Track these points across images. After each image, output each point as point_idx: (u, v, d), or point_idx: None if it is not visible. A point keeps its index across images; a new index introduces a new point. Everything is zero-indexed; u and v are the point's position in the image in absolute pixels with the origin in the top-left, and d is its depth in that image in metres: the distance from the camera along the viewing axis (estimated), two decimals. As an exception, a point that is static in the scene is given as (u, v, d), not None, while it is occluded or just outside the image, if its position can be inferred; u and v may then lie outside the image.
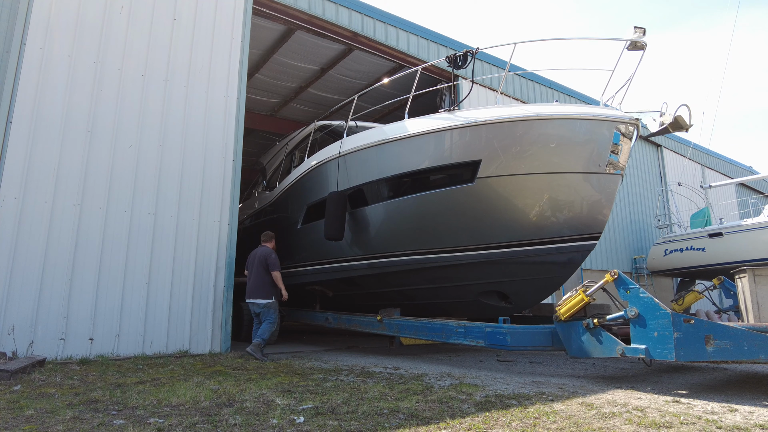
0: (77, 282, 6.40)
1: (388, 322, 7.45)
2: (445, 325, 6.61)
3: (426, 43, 11.51)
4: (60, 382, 4.70)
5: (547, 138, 5.97)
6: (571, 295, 5.35)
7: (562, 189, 6.14)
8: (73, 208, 6.53)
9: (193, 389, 4.33)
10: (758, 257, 12.11)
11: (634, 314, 4.76)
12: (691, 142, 19.17)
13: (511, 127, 6.04)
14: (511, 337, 5.71)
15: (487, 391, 4.46)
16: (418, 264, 7.17)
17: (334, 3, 9.93)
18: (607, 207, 6.25)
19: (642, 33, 5.66)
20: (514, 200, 6.29)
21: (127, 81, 7.24)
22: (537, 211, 6.27)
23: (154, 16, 7.64)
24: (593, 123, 5.90)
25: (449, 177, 6.55)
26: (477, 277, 6.95)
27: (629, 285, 4.94)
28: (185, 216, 7.40)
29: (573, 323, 5.33)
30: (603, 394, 4.44)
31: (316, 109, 14.24)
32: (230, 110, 8.13)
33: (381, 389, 4.48)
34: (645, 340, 4.65)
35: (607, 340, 5.00)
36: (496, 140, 6.11)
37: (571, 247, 6.37)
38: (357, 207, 7.55)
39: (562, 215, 6.27)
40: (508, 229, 6.46)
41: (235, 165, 8.01)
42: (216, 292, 7.49)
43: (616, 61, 5.94)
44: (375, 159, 7.23)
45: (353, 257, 7.95)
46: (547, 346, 5.67)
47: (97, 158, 6.81)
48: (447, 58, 6.83)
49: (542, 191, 6.17)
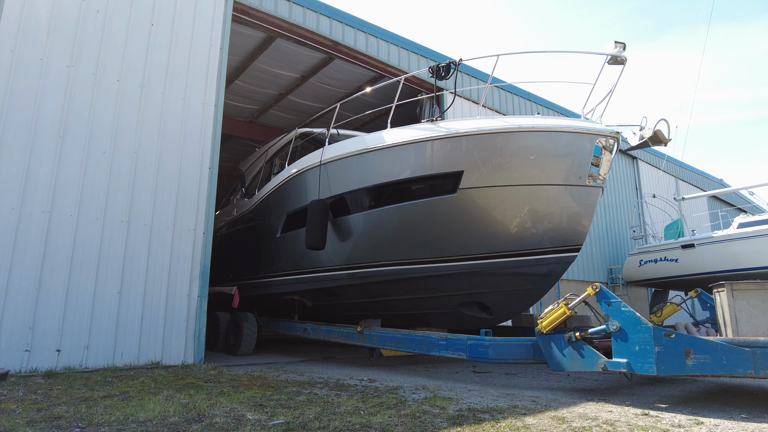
0: (45, 291, 6.22)
1: (368, 333, 7.36)
2: (426, 337, 6.55)
3: (407, 54, 11.59)
4: (22, 396, 4.55)
5: (529, 150, 6.02)
6: (553, 308, 5.33)
7: (542, 201, 6.18)
8: (41, 215, 6.37)
9: (162, 404, 4.23)
10: (728, 268, 12.43)
11: (615, 328, 4.77)
12: (666, 155, 19.65)
13: (493, 139, 6.08)
14: (492, 349, 5.70)
15: (460, 405, 4.45)
16: (399, 274, 7.14)
17: (314, 12, 9.93)
18: (588, 219, 6.29)
19: (622, 48, 5.74)
20: (496, 211, 6.32)
21: (102, 86, 7.11)
22: (518, 222, 6.31)
23: (131, 21, 7.54)
24: (574, 135, 5.96)
25: (431, 187, 6.55)
26: (457, 288, 6.94)
27: (611, 299, 4.95)
28: (159, 224, 7.28)
29: (555, 336, 5.32)
30: (575, 407, 4.48)
31: (297, 117, 14.19)
32: (207, 117, 8.05)
33: (355, 403, 4.44)
34: (626, 354, 4.66)
35: (588, 354, 4.99)
36: (479, 151, 6.14)
37: (551, 259, 6.40)
38: (337, 216, 7.49)
39: (543, 227, 6.30)
40: (489, 240, 6.47)
41: (211, 172, 7.91)
42: (190, 301, 7.36)
43: (597, 74, 6.00)
44: (356, 168, 7.19)
45: (333, 267, 7.88)
46: (528, 358, 5.64)
47: (68, 164, 6.66)
48: (430, 69, 6.81)
49: (523, 203, 6.20)
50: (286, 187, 8.62)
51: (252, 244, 10.04)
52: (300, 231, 7.93)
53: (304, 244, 7.55)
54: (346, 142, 7.52)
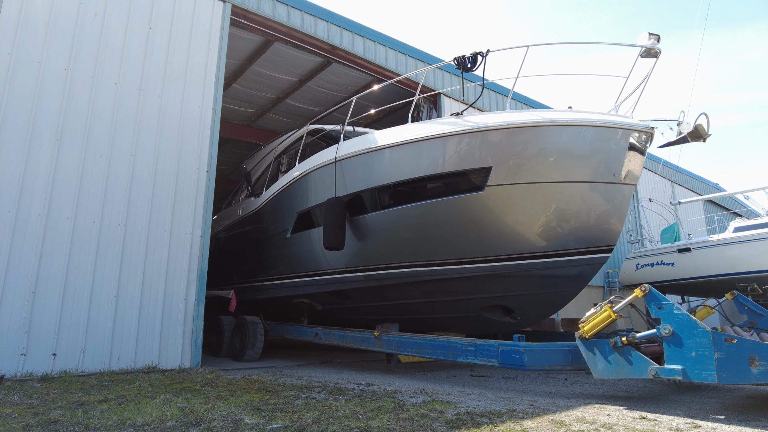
0: (41, 295, 6.19)
1: (386, 338, 6.98)
2: (451, 343, 6.15)
3: (404, 58, 11.61)
4: (18, 401, 4.52)
5: (562, 145, 5.71)
6: (596, 312, 5.00)
7: (574, 198, 5.86)
8: (38, 218, 6.34)
9: (159, 408, 4.21)
10: (724, 272, 12.46)
11: (668, 332, 4.46)
12: (662, 159, 19.72)
13: (525, 133, 5.74)
14: (528, 356, 5.27)
15: (458, 409, 4.45)
16: (419, 276, 6.82)
17: (312, 16, 9.96)
18: (620, 218, 5.97)
19: (656, 40, 5.45)
20: (525, 210, 5.97)
21: (100, 89, 7.10)
22: (548, 221, 5.97)
23: (129, 24, 7.54)
24: (609, 130, 5.66)
25: (456, 184, 6.19)
26: (481, 291, 6.61)
27: (662, 301, 4.63)
28: (157, 227, 7.26)
29: (598, 341, 4.96)
30: (573, 410, 4.48)
31: (294, 120, 14.19)
32: (205, 120, 8.05)
33: (352, 407, 4.43)
34: (681, 361, 4.34)
35: (637, 360, 4.64)
36: (509, 146, 5.78)
37: (582, 260, 6.07)
38: (354, 215, 7.13)
39: (574, 226, 5.98)
40: (517, 241, 6.12)
41: (209, 176, 7.90)
42: (187, 305, 7.34)
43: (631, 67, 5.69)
44: (375, 164, 6.83)
45: (348, 268, 7.53)
46: (565, 365, 5.31)
47: (65, 167, 6.64)
48: (455, 60, 6.30)
49: (554, 201, 5.87)
50: (297, 185, 8.24)
51: (259, 244, 9.69)
52: (312, 231, 7.66)
53: (315, 244, 7.24)
54: (364, 137, 7.15)
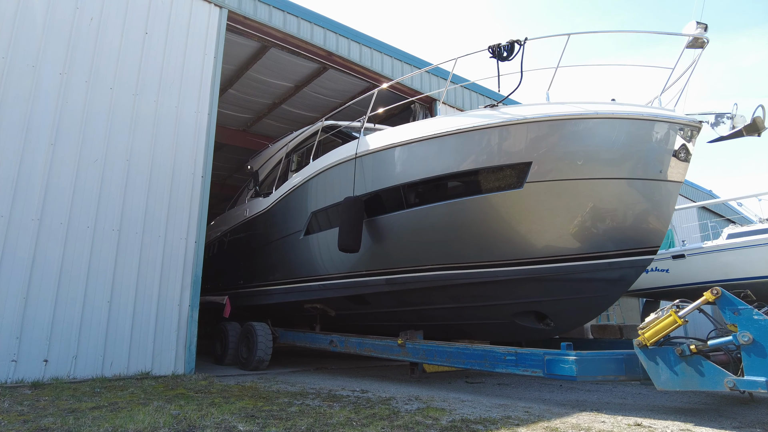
0: (33, 300, 6.14)
1: (412, 346, 6.52)
2: (488, 352, 5.65)
3: (400, 65, 11.66)
4: (8, 408, 4.46)
5: (608, 139, 5.38)
6: (658, 317, 4.65)
7: (617, 197, 5.51)
8: (31, 223, 6.30)
9: (152, 415, 4.17)
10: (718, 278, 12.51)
11: (747, 340, 4.08)
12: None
13: (569, 126, 5.39)
14: (578, 366, 4.86)
15: (453, 416, 4.43)
16: (447, 280, 6.39)
17: (309, 22, 9.99)
18: (666, 218, 5.64)
19: (704, 29, 5.16)
20: (567, 208, 5.59)
21: (95, 94, 7.08)
22: (589, 221, 5.60)
23: (125, 29, 7.53)
24: (657, 124, 5.36)
25: (492, 181, 5.77)
26: (514, 296, 6.20)
27: (738, 305, 4.25)
28: (151, 233, 7.23)
29: (661, 350, 4.57)
30: (568, 417, 4.47)
31: (290, 126, 14.19)
32: (201, 125, 8.03)
33: (347, 414, 4.40)
34: (765, 372, 3.97)
35: (710, 370, 4.25)
36: (553, 139, 5.42)
37: (626, 263, 5.67)
38: (376, 215, 6.73)
39: (616, 226, 5.62)
40: (556, 242, 5.75)
41: (204, 181, 7.88)
42: (181, 311, 7.30)
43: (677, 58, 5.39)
44: (401, 160, 6.43)
45: (369, 272, 7.08)
46: (619, 375, 4.90)
47: (59, 172, 6.61)
48: (490, 48, 5.83)
49: (597, 199, 5.51)
50: (311, 183, 7.78)
51: (267, 246, 9.23)
52: (328, 232, 7.28)
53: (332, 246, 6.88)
54: (387, 131, 6.77)
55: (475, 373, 7.78)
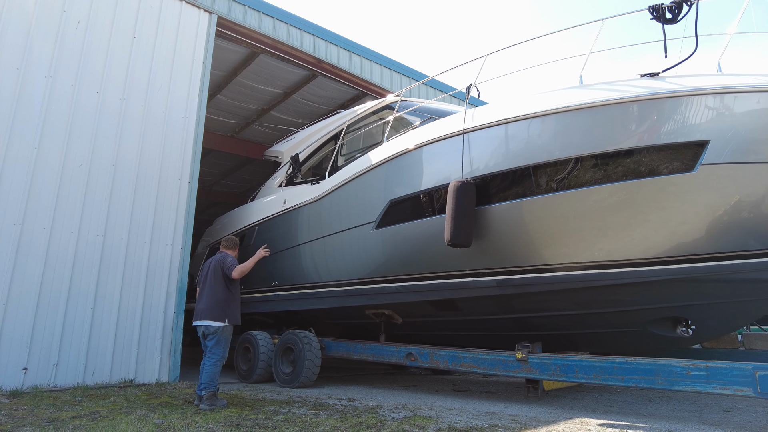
0: (12, 306, 6.02)
1: (537, 361, 5.35)
2: (662, 366, 4.50)
3: (389, 73, 11.73)
4: (-14, 417, 4.36)
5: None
6: None
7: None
8: (12, 228, 6.19)
9: (134, 424, 4.10)
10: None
11: None
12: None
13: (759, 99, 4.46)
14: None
15: (440, 424, 4.42)
16: (582, 282, 5.34)
17: (298, 29, 10.01)
18: None
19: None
20: (746, 196, 4.66)
21: (81, 97, 7.01)
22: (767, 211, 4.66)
23: (113, 33, 7.48)
24: None
25: (653, 162, 4.79)
26: (658, 299, 5.27)
27: None
28: (136, 239, 7.14)
29: None
30: (555, 425, 4.48)
31: (279, 132, 14.14)
32: (189, 131, 7.98)
33: (333, 423, 4.37)
34: None
35: None
36: (736, 115, 4.53)
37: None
38: (487, 203, 5.61)
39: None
40: (725, 235, 4.80)
41: (191, 187, 7.82)
42: (166, 317, 7.21)
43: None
44: (531, 136, 5.36)
45: (473, 271, 5.96)
46: None
47: (42, 176, 6.51)
48: (650, 8, 4.96)
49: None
50: (390, 166, 6.58)
51: (318, 241, 7.73)
52: (410, 224, 6.24)
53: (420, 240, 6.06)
54: (502, 102, 5.71)
55: (462, 381, 7.77)
